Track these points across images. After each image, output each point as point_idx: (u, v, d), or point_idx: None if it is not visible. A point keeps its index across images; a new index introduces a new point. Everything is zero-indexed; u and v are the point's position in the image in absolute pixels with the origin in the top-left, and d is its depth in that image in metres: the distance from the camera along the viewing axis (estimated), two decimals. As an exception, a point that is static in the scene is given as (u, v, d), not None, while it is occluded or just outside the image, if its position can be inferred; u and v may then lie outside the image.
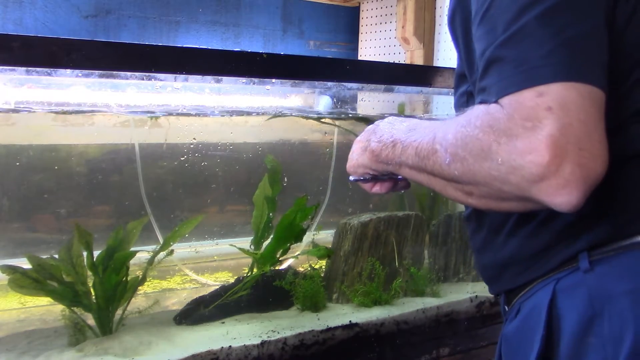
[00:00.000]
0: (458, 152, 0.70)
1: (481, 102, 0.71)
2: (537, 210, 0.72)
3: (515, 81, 0.66)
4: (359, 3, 2.94)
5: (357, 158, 0.96)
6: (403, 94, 1.75)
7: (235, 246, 1.65)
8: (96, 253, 1.39)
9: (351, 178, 0.99)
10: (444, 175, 0.74)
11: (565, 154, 0.62)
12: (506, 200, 0.69)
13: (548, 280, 0.79)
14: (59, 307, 1.40)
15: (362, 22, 2.95)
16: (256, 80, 1.30)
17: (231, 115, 1.62)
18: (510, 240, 0.85)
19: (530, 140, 0.63)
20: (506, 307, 0.91)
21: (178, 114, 1.56)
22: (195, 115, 1.56)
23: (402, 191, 1.06)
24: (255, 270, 1.65)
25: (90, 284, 1.40)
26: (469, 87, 0.89)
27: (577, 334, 0.74)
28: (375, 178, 0.97)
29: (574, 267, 0.76)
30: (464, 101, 0.91)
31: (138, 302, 1.53)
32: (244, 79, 1.29)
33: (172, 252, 1.50)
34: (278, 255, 1.64)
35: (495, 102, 0.68)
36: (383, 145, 0.87)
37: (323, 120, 1.79)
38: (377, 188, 0.99)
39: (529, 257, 0.83)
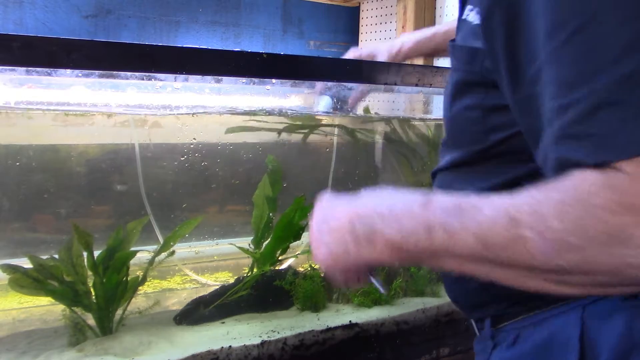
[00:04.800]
0: (570, 240, 0.55)
1: (574, 154, 0.57)
2: None
3: None
4: (359, 3, 2.94)
5: (347, 256, 0.71)
6: (403, 94, 1.75)
7: (235, 245, 1.65)
8: (96, 253, 1.39)
9: (373, 281, 0.82)
10: (533, 266, 0.59)
11: None
12: (623, 286, 0.58)
13: (565, 308, 0.72)
14: (59, 307, 1.40)
15: (362, 22, 2.95)
16: (256, 80, 1.30)
17: (221, 115, 1.62)
18: None
19: None
20: (488, 329, 0.82)
21: (178, 114, 1.56)
22: (195, 114, 1.57)
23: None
24: (255, 270, 1.65)
25: (91, 284, 1.41)
26: (486, 100, 0.76)
27: None
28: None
29: None
30: (476, 117, 0.77)
31: (138, 302, 1.53)
32: (244, 79, 1.29)
33: (173, 252, 1.51)
34: (278, 255, 1.64)
35: (609, 163, 0.54)
36: (409, 233, 0.66)
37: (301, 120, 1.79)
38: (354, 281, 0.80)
39: None
